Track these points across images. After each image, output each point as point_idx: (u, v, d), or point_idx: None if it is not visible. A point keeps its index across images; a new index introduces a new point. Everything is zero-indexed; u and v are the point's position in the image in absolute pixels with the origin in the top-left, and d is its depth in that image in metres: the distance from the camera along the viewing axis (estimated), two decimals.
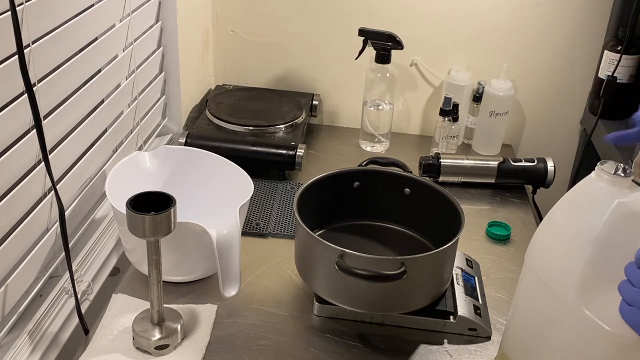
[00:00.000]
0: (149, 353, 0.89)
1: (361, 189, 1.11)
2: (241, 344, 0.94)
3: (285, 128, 1.40)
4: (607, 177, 0.66)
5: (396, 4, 1.50)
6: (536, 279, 0.74)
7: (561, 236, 0.70)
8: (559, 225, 0.71)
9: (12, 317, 0.89)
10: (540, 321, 0.74)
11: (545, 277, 0.72)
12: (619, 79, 1.40)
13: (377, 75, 1.45)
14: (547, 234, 0.73)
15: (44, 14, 0.88)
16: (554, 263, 0.71)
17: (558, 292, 0.70)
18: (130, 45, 1.18)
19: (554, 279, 0.71)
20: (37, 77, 0.87)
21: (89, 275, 1.03)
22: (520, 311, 0.80)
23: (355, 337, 0.96)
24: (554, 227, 0.72)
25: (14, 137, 0.85)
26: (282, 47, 1.59)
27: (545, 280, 0.72)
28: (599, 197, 0.66)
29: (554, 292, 0.70)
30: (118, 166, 1.07)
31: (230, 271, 0.94)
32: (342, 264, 0.89)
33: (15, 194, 0.85)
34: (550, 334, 0.72)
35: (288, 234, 1.18)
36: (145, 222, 0.80)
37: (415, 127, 1.64)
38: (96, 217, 1.12)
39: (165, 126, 1.44)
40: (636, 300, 0.61)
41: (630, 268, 0.62)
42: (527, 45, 1.52)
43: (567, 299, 0.68)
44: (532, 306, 0.77)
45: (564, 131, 1.60)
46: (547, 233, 0.73)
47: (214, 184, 1.12)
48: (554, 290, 0.70)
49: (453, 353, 0.95)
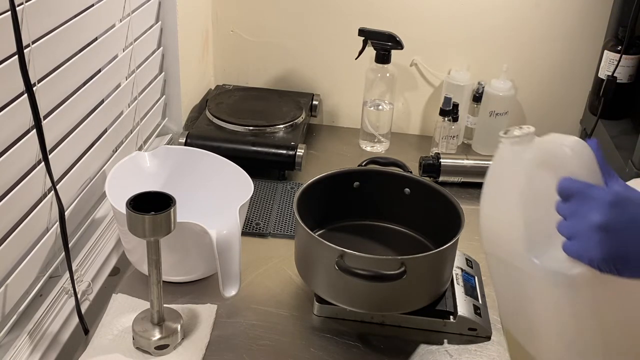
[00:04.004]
0: (149, 353, 0.89)
1: (361, 189, 1.11)
2: (241, 344, 0.94)
3: (285, 128, 1.40)
4: (509, 140, 0.69)
5: (396, 4, 1.50)
6: (495, 261, 0.74)
7: (495, 209, 0.72)
8: (490, 200, 0.72)
9: (12, 317, 0.89)
10: (514, 297, 0.74)
11: (498, 253, 0.73)
12: (619, 79, 1.40)
13: (377, 75, 1.45)
14: (484, 213, 0.73)
15: (44, 14, 0.88)
16: (499, 236, 0.71)
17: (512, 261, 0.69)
18: (130, 45, 1.18)
19: (505, 251, 0.71)
20: (37, 77, 0.87)
21: (89, 275, 1.03)
22: (500, 298, 0.80)
23: (355, 337, 0.96)
24: (488, 205, 0.73)
25: (14, 137, 0.85)
26: (282, 47, 1.59)
27: (499, 256, 0.73)
28: (511, 160, 0.68)
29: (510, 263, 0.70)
30: (118, 166, 1.07)
31: (230, 271, 0.94)
32: (342, 264, 0.89)
33: (15, 194, 0.85)
34: (527, 304, 0.72)
35: (288, 234, 1.18)
36: (145, 222, 0.80)
37: (415, 127, 1.64)
38: (96, 217, 1.12)
39: (165, 126, 1.44)
40: (573, 232, 0.62)
41: (559, 206, 0.63)
42: (527, 45, 1.52)
43: (522, 264, 0.67)
44: (503, 287, 0.77)
45: (564, 131, 1.55)
46: (484, 213, 0.73)
47: (214, 184, 1.12)
48: (509, 261, 0.70)
49: (453, 353, 0.95)
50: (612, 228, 0.59)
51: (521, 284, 0.70)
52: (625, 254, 0.59)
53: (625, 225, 0.59)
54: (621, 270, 0.59)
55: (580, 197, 0.61)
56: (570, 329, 0.66)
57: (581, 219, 0.61)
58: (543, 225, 0.65)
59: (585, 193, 0.61)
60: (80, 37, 1.01)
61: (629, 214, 0.59)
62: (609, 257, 0.59)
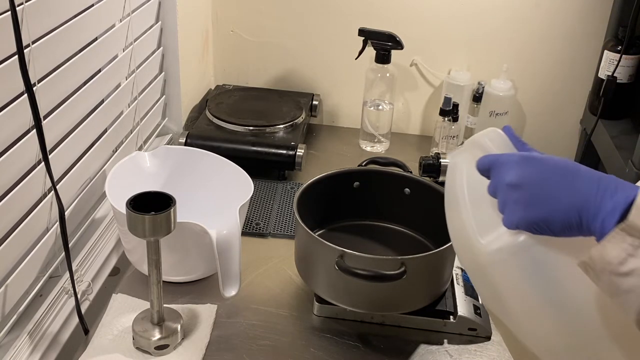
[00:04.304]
0: (149, 353, 0.89)
1: (361, 189, 1.11)
2: (241, 344, 0.94)
3: (285, 128, 1.40)
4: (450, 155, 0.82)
5: (396, 4, 1.50)
6: (467, 266, 0.77)
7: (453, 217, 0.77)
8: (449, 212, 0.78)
9: (12, 317, 0.89)
10: (489, 294, 0.75)
11: (464, 259, 0.76)
12: (619, 79, 1.40)
13: (377, 75, 1.45)
14: (450, 227, 0.78)
15: (44, 14, 0.88)
16: (461, 242, 0.75)
17: (474, 258, 0.72)
18: (130, 45, 1.18)
19: (467, 252, 0.74)
20: (37, 77, 0.87)
21: (89, 275, 1.03)
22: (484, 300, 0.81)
23: (355, 337, 0.96)
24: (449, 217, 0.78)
25: (14, 137, 0.85)
26: (282, 47, 1.59)
27: (466, 262, 0.76)
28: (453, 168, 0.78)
29: (474, 261, 0.72)
30: (118, 166, 1.07)
31: (230, 271, 0.94)
32: (342, 264, 0.89)
33: (15, 194, 0.85)
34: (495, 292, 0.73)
35: (288, 234, 1.18)
36: (145, 222, 0.80)
37: (415, 127, 1.64)
38: (96, 217, 1.12)
39: (165, 126, 1.44)
40: (501, 204, 0.65)
41: (488, 188, 0.68)
42: (527, 45, 1.52)
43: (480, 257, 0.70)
44: (479, 287, 0.79)
45: (564, 131, 1.60)
46: (449, 227, 0.78)
47: (214, 184, 1.12)
48: (472, 260, 0.72)
49: (453, 353, 0.95)
50: (524, 183, 0.62)
51: (485, 275, 0.71)
52: (546, 209, 0.61)
53: (534, 180, 0.62)
54: (549, 226, 0.61)
55: (495, 167, 0.67)
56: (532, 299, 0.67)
57: (500, 186, 0.65)
58: (489, 214, 0.69)
59: (497, 161, 0.67)
60: (80, 37, 1.01)
61: (536, 168, 0.63)
62: (531, 215, 0.62)
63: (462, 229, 0.74)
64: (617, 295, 0.56)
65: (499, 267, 0.68)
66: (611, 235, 0.56)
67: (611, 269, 0.55)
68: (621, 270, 0.55)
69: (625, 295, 0.55)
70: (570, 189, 0.60)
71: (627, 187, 0.58)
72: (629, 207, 0.56)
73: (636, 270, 0.54)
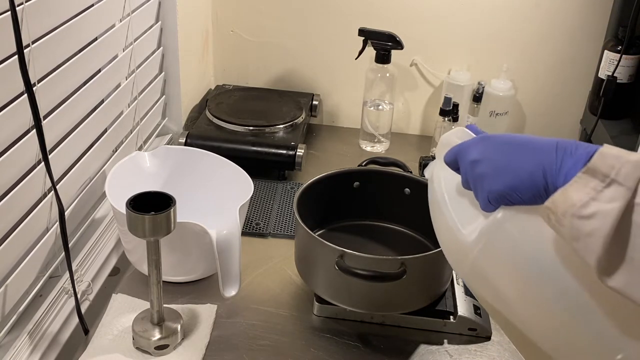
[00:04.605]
0: (149, 353, 0.89)
1: (361, 189, 1.11)
2: (241, 344, 0.94)
3: (285, 128, 1.40)
4: (426, 171, 0.85)
5: (396, 4, 1.50)
6: (460, 270, 0.77)
7: (439, 225, 0.78)
8: (435, 222, 0.80)
9: (12, 317, 0.89)
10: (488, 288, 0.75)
11: (455, 262, 0.77)
12: (619, 79, 1.40)
13: (377, 75, 1.45)
14: (439, 240, 0.79)
15: (44, 14, 0.88)
16: (447, 242, 0.77)
17: (462, 259, 0.72)
18: (130, 45, 1.18)
19: (456, 253, 0.75)
20: (37, 77, 0.87)
21: (89, 275, 1.03)
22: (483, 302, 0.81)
23: (355, 337, 0.96)
24: (436, 227, 0.80)
25: (14, 137, 0.85)
26: (282, 47, 1.59)
27: (457, 266, 0.76)
28: (431, 176, 0.80)
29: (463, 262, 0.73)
30: (118, 166, 1.07)
31: (230, 271, 0.94)
32: (342, 264, 0.89)
33: (15, 194, 0.85)
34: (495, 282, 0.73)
35: (288, 234, 1.18)
36: (145, 222, 0.80)
37: (415, 127, 1.64)
38: (96, 217, 1.12)
39: (165, 126, 1.44)
40: (473, 183, 0.68)
41: (462, 180, 0.70)
42: (527, 45, 1.52)
43: (468, 249, 0.70)
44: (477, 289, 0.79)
45: (564, 131, 1.60)
46: (439, 240, 0.79)
47: (214, 184, 1.12)
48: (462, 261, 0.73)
49: (453, 353, 0.95)
50: (484, 157, 0.65)
51: (476, 271, 0.71)
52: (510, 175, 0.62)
53: (495, 151, 0.65)
54: (518, 193, 0.62)
55: (460, 154, 0.70)
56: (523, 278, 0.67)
57: (466, 168, 0.68)
58: (470, 210, 0.71)
59: (461, 148, 0.70)
60: (80, 37, 1.01)
61: (494, 141, 0.66)
62: (499, 185, 0.63)
63: (448, 231, 0.74)
64: (578, 240, 0.55)
65: (485, 253, 0.69)
66: (574, 179, 0.56)
67: (573, 212, 0.55)
68: (583, 213, 0.54)
69: (585, 239, 0.55)
70: (531, 153, 0.61)
71: (587, 145, 0.59)
72: (590, 159, 0.56)
73: (598, 212, 0.54)
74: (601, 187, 0.54)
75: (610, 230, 0.53)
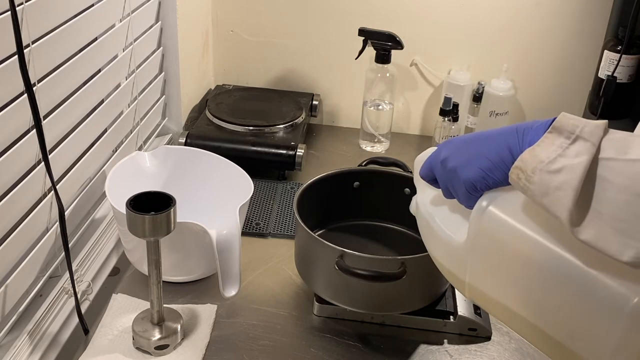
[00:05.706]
0: (149, 353, 0.89)
1: (361, 189, 1.11)
2: (241, 344, 0.94)
3: (285, 128, 1.40)
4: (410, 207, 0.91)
5: (396, 4, 1.50)
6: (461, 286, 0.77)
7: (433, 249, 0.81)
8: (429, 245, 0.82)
9: (12, 317, 0.89)
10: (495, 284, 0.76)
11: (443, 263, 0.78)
12: (619, 79, 1.40)
13: (377, 75, 1.45)
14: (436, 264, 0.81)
15: (44, 14, 0.88)
16: (443, 257, 0.78)
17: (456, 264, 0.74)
18: (130, 45, 1.18)
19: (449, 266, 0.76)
20: (37, 77, 0.87)
21: (89, 275, 1.03)
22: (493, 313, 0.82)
23: (355, 337, 0.96)
24: (431, 251, 0.82)
25: (14, 137, 0.85)
26: (282, 47, 1.59)
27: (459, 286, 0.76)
28: (416, 208, 0.85)
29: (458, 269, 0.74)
30: (118, 166, 1.07)
31: (230, 271, 0.94)
32: (342, 264, 0.89)
33: (15, 194, 0.85)
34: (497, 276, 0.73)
35: (288, 234, 1.18)
36: (145, 222, 0.80)
37: (415, 127, 1.64)
38: (96, 217, 1.12)
39: (165, 126, 1.44)
40: (449, 181, 0.71)
41: (444, 193, 0.74)
42: (527, 45, 1.52)
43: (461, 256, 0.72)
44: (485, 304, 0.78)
45: None
46: (436, 263, 0.81)
47: (214, 184, 1.12)
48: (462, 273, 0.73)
49: (453, 353, 0.95)
50: (452, 152, 0.70)
51: (475, 270, 0.72)
52: (479, 159, 0.67)
53: (461, 145, 0.70)
54: (492, 174, 0.66)
55: (431, 162, 0.74)
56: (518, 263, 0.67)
57: (439, 171, 0.72)
58: (457, 219, 0.74)
59: (430, 156, 0.75)
60: (80, 37, 1.01)
61: (459, 139, 0.72)
62: (472, 171, 0.67)
63: (442, 244, 0.76)
64: (548, 194, 0.57)
65: (480, 247, 0.69)
66: (541, 139, 0.59)
67: (542, 167, 0.58)
68: (551, 168, 0.57)
69: (555, 192, 0.57)
70: (495, 139, 0.66)
71: (543, 119, 0.63)
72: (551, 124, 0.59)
73: (566, 167, 0.56)
74: (567, 144, 0.57)
75: (578, 183, 0.55)
